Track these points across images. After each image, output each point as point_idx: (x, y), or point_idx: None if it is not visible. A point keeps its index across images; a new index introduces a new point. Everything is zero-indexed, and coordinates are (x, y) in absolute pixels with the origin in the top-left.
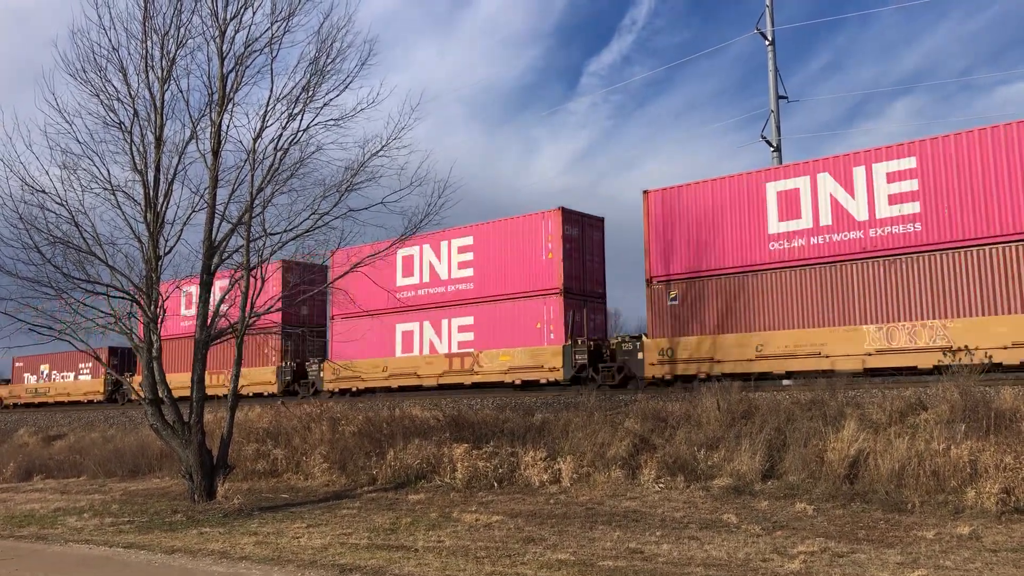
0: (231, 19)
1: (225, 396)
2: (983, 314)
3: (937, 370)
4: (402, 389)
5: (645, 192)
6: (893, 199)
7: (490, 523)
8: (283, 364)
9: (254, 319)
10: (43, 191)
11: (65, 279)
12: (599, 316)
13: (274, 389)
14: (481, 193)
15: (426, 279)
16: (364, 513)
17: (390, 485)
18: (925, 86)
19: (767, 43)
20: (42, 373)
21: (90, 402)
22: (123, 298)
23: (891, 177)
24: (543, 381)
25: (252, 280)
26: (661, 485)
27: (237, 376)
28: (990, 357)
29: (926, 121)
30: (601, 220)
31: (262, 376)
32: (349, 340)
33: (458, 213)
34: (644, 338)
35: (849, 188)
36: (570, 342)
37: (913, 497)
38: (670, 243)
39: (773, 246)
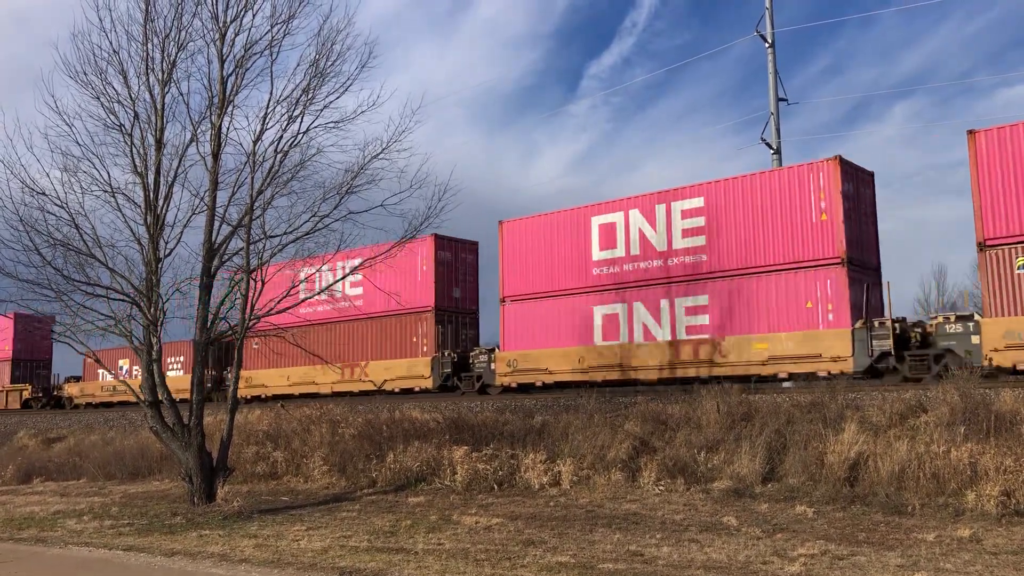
0: (231, 22)
1: (386, 389)
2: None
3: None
4: (608, 384)
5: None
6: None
7: (490, 525)
8: (440, 354)
9: (254, 321)
10: (43, 193)
11: (65, 281)
12: (875, 294)
13: (428, 384)
14: (482, 195)
15: (635, 251)
16: (364, 515)
17: (390, 487)
18: (925, 88)
19: (767, 45)
20: (121, 369)
21: (183, 401)
22: (123, 300)
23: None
24: (823, 373)
25: (252, 282)
26: (661, 487)
27: (237, 379)
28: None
29: (925, 123)
30: (871, 175)
31: (412, 369)
32: (521, 327)
33: (459, 215)
34: (981, 320)
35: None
36: (863, 324)
37: (913, 499)
38: None
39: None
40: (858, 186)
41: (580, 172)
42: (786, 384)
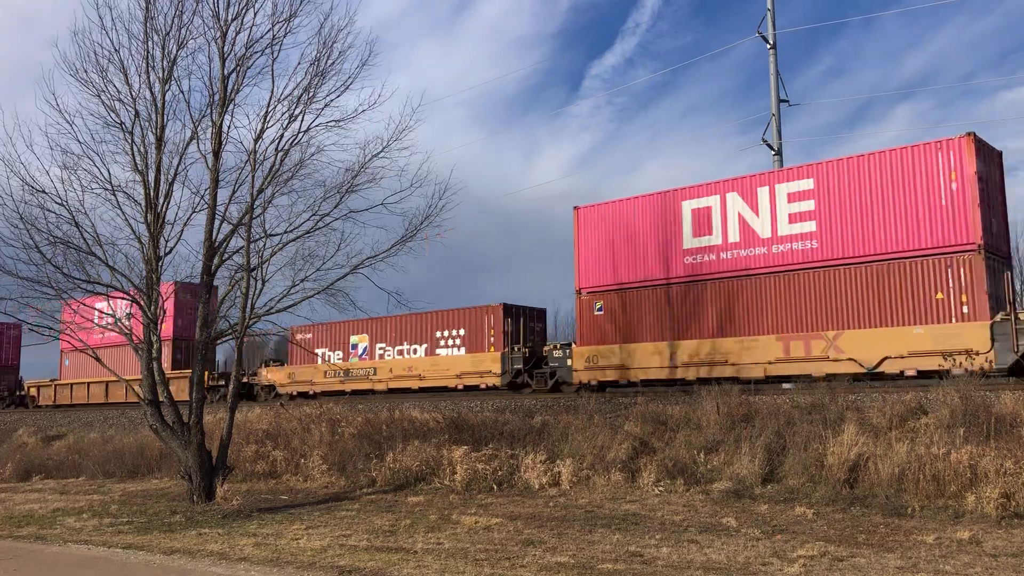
0: (232, 20)
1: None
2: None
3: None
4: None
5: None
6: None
7: (489, 525)
8: (510, 349)
9: (254, 320)
10: (43, 191)
11: (65, 279)
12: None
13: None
14: (484, 194)
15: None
16: (363, 515)
17: (389, 487)
18: (928, 90)
19: (768, 47)
20: (356, 349)
21: (470, 388)
22: (123, 298)
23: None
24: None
25: (252, 281)
26: (661, 488)
27: (238, 376)
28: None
29: (929, 125)
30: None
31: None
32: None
33: (460, 214)
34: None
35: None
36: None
37: (913, 501)
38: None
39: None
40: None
41: (582, 172)
42: (786, 386)
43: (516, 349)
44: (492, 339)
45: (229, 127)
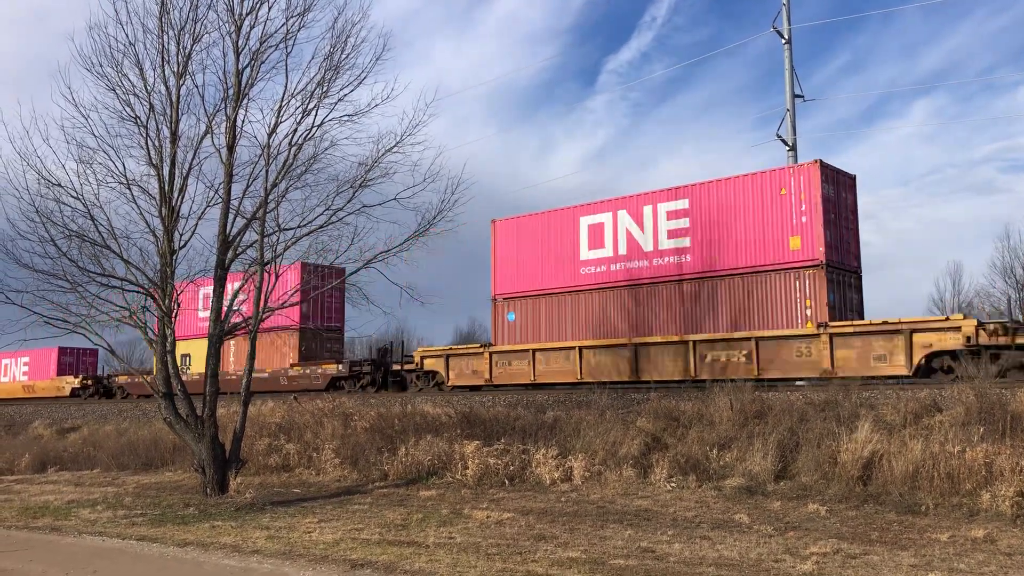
0: (247, 14)
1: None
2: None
3: None
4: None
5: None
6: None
7: (501, 520)
8: None
9: (267, 314)
10: (59, 185)
11: (80, 272)
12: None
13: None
14: (498, 189)
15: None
16: (375, 509)
17: (401, 481)
18: (946, 85)
19: (783, 42)
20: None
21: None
22: (137, 292)
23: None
24: None
25: (266, 275)
26: (673, 484)
27: (251, 371)
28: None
29: (945, 120)
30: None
31: None
32: None
33: (474, 208)
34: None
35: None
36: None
37: (927, 499)
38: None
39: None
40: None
41: (596, 167)
42: (799, 383)
43: None
44: None
45: (243, 121)
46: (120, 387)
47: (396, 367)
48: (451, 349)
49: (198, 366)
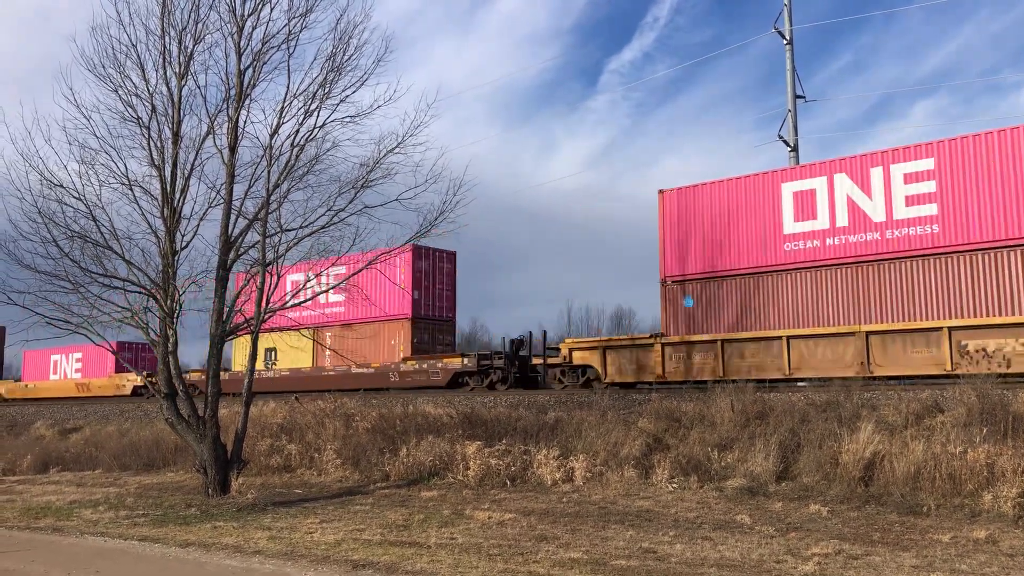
0: (249, 15)
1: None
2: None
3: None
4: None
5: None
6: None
7: (503, 521)
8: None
9: (269, 315)
10: (61, 186)
11: (82, 273)
12: None
13: None
14: (499, 189)
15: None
16: (377, 509)
17: (403, 482)
18: (948, 86)
19: (785, 43)
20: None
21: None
22: (139, 292)
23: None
24: None
25: (267, 276)
26: (674, 485)
27: (252, 371)
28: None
29: (948, 121)
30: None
31: None
32: None
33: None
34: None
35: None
36: None
37: (929, 500)
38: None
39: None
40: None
41: (598, 167)
42: (801, 384)
43: None
44: None
45: (245, 122)
46: (192, 385)
47: (536, 361)
48: (608, 340)
49: (285, 361)
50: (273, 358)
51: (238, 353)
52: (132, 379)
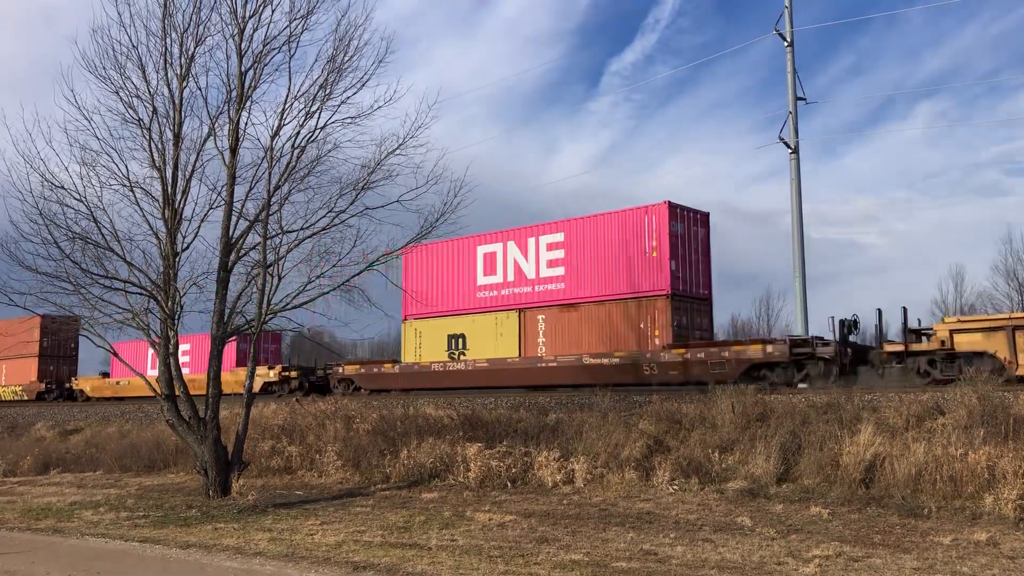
0: (250, 17)
1: None
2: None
3: None
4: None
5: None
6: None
7: (503, 522)
8: None
9: (270, 316)
10: (62, 187)
11: (83, 274)
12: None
13: None
14: (501, 191)
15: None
16: (377, 511)
17: (403, 483)
18: (950, 88)
19: (786, 44)
20: None
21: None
22: (140, 294)
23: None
24: None
25: (269, 277)
26: (675, 487)
27: (252, 373)
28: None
29: (950, 123)
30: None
31: None
32: None
33: (476, 212)
34: None
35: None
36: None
37: (930, 502)
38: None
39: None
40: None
41: (600, 170)
42: (802, 385)
43: None
44: None
45: (246, 124)
46: (345, 380)
47: (891, 348)
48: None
49: (478, 351)
50: (461, 346)
51: (408, 342)
52: (263, 374)
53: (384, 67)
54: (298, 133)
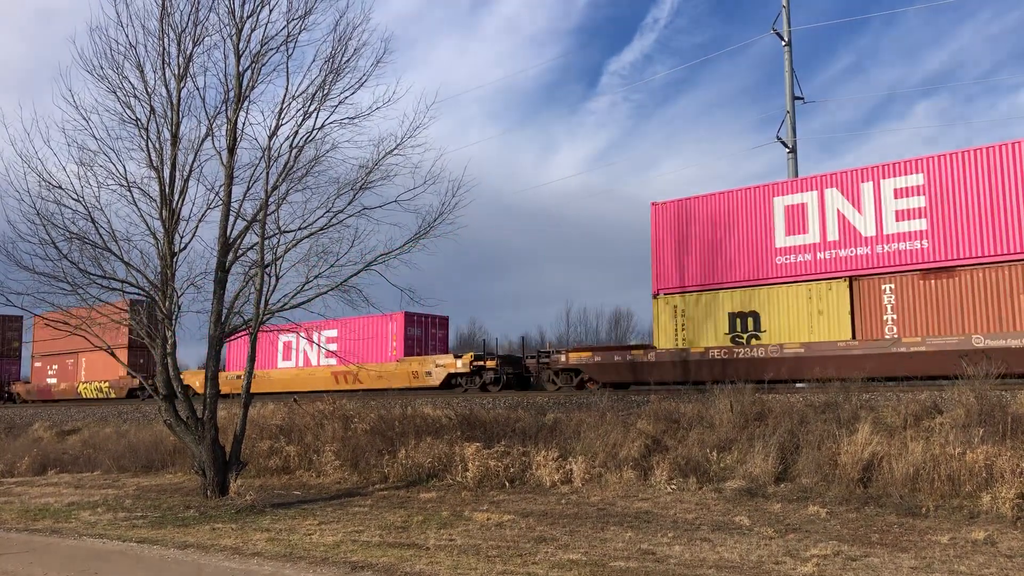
0: (248, 17)
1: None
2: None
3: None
4: None
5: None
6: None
7: (501, 522)
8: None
9: (268, 316)
10: (60, 187)
11: (81, 275)
12: None
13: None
14: (501, 191)
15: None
16: (376, 511)
17: (401, 483)
18: (949, 87)
19: (783, 44)
20: None
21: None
22: (138, 294)
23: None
24: None
25: (266, 277)
26: (673, 486)
27: (250, 372)
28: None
29: (948, 122)
30: None
31: None
32: None
33: (473, 211)
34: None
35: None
36: None
37: (927, 501)
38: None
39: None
40: None
41: (599, 169)
42: (799, 385)
43: None
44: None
45: (244, 124)
46: (568, 371)
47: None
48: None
49: (781, 333)
50: (752, 327)
51: (664, 324)
52: (447, 363)
53: (382, 67)
54: (296, 133)
